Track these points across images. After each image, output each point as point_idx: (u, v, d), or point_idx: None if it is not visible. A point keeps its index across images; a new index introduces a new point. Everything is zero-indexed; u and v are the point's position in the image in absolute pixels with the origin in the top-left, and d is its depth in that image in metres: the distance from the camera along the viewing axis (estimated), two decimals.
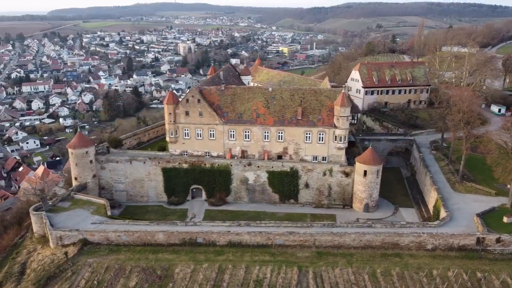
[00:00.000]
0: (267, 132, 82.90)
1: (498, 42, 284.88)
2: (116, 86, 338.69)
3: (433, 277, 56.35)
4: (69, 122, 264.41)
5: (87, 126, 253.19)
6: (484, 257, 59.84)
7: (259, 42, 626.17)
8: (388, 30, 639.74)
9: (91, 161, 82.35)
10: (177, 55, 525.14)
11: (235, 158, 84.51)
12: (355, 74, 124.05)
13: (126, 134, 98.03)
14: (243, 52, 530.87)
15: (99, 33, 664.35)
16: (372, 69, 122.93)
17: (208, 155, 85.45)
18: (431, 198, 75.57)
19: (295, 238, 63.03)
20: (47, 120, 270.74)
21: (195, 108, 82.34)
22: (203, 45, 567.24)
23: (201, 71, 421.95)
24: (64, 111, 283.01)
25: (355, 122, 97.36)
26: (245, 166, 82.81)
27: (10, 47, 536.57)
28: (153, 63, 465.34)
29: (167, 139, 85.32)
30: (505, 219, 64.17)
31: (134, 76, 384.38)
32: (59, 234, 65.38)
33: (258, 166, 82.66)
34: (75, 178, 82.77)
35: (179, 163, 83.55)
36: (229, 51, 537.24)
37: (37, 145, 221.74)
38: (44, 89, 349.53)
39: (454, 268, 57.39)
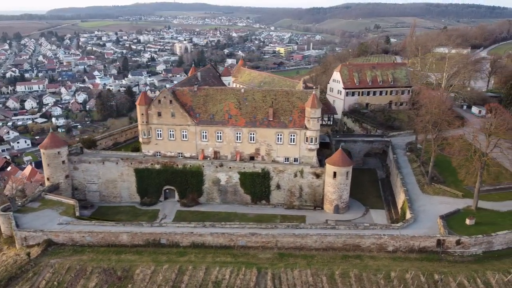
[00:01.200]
0: (239, 133, 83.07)
1: (491, 44, 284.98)
2: (110, 86, 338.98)
3: (391, 279, 56.47)
4: (61, 121, 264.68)
5: (79, 126, 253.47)
6: (444, 259, 59.94)
7: (256, 42, 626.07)
8: (386, 30, 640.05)
9: (63, 162, 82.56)
10: (174, 55, 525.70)
11: (208, 159, 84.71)
12: (336, 75, 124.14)
13: (102, 135, 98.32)
14: (240, 52, 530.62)
15: (96, 32, 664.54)
16: (353, 70, 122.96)
17: (181, 156, 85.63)
18: (400, 199, 75.77)
19: (258, 240, 63.19)
20: (40, 120, 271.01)
21: (167, 109, 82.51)
22: (200, 45, 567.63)
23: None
24: (57, 110, 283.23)
25: (331, 123, 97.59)
26: (217, 167, 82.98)
27: (6, 47, 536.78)
28: (149, 63, 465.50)
29: (140, 139, 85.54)
30: (467, 221, 64.28)
31: (129, 76, 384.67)
32: (23, 234, 65.59)
33: (230, 167, 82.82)
34: (47, 179, 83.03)
35: (151, 164, 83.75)
36: (226, 51, 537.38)
37: (28, 144, 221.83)
38: (39, 88, 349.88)
39: (413, 270, 57.54)
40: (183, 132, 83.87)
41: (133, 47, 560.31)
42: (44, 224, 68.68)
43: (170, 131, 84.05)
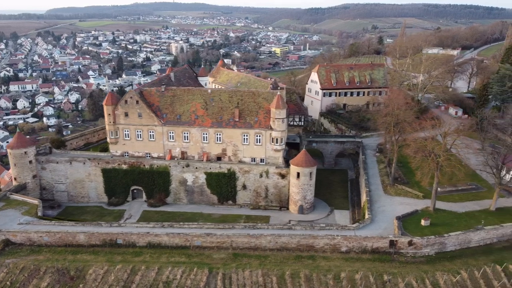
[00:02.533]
0: (206, 134, 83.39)
1: (482, 45, 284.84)
2: (104, 85, 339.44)
3: (340, 279, 56.64)
4: (52, 121, 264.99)
5: (70, 126, 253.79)
6: (396, 260, 60.01)
7: (253, 42, 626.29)
8: (383, 31, 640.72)
9: (30, 162, 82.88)
10: (170, 55, 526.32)
11: (175, 159, 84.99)
12: (314, 76, 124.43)
13: (73, 135, 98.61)
14: (235, 52, 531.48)
15: (93, 32, 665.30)
16: (331, 71, 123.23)
17: (149, 156, 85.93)
18: (363, 200, 75.95)
19: (213, 240, 63.40)
20: (31, 120, 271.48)
21: (134, 109, 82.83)
22: (196, 45, 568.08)
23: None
24: (49, 110, 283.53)
25: (302, 123, 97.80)
26: (183, 167, 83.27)
27: (2, 46, 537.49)
28: (144, 63, 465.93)
29: (108, 140, 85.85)
30: (422, 222, 64.45)
31: (124, 75, 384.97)
32: None
33: (196, 168, 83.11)
34: (15, 179, 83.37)
35: (118, 164, 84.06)
36: (222, 51, 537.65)
37: None
38: (32, 88, 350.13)
39: (363, 271, 57.68)
40: (150, 132, 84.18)
41: (129, 47, 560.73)
42: (4, 224, 68.93)
43: (137, 132, 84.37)
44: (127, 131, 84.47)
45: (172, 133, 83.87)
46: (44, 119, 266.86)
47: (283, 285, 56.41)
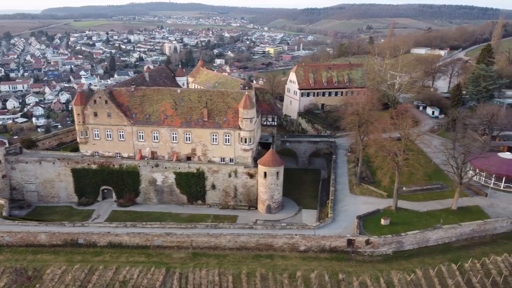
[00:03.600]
0: (175, 134, 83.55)
1: (471, 45, 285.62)
2: (95, 85, 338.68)
3: (296, 278, 56.90)
4: (42, 121, 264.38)
5: (60, 126, 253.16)
6: (354, 259, 60.34)
7: (247, 42, 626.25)
8: (378, 31, 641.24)
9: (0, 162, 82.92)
10: (163, 55, 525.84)
11: (145, 159, 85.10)
12: (292, 76, 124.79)
13: (45, 135, 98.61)
14: (229, 52, 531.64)
15: (87, 32, 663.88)
16: (309, 71, 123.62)
17: (119, 156, 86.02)
18: (329, 200, 76.22)
19: (173, 239, 63.56)
20: (20, 120, 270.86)
21: (103, 109, 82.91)
22: (190, 45, 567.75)
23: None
24: (39, 110, 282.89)
25: (275, 123, 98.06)
26: (152, 167, 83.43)
27: None
28: (137, 63, 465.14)
29: (78, 140, 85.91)
30: (382, 221, 64.81)
31: (116, 75, 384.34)
32: None
33: (166, 167, 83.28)
34: None
35: (88, 164, 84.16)
36: (215, 51, 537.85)
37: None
38: (23, 88, 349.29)
39: (319, 270, 57.97)
40: (120, 132, 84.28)
41: (123, 46, 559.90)
42: None
43: (107, 131, 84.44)
44: (97, 131, 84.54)
45: (142, 133, 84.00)
46: (34, 119, 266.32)
47: (239, 284, 56.61)
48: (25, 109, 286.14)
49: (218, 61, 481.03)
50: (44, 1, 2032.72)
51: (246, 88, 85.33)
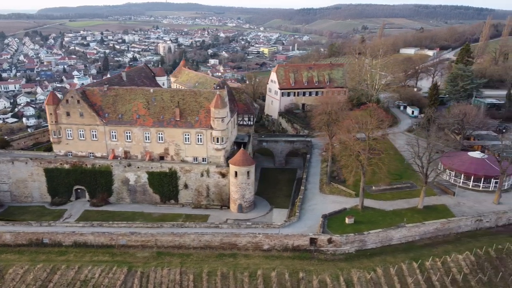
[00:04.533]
0: (148, 133, 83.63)
1: (460, 45, 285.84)
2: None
3: (256, 276, 57.09)
4: (32, 121, 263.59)
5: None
6: (316, 258, 60.57)
7: (242, 42, 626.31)
8: (373, 31, 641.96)
9: None
10: (157, 55, 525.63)
11: (119, 158, 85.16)
12: (273, 75, 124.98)
13: (20, 134, 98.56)
14: (223, 52, 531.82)
15: (82, 32, 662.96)
16: (289, 70, 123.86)
17: (92, 156, 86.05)
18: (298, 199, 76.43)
19: (137, 239, 63.65)
20: (11, 120, 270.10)
21: (75, 108, 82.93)
22: (184, 45, 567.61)
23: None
24: (30, 110, 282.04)
25: (251, 123, 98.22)
26: (125, 167, 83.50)
27: None
28: (131, 63, 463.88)
29: (51, 139, 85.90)
30: (346, 220, 65.05)
31: (108, 75, 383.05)
32: None
33: (138, 167, 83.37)
34: None
35: (61, 164, 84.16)
36: (210, 51, 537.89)
37: None
38: (15, 88, 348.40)
39: (281, 268, 58.17)
40: (92, 132, 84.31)
41: (117, 47, 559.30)
42: None
43: (80, 131, 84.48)
44: (70, 131, 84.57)
45: (114, 132, 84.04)
46: (24, 119, 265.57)
47: (199, 283, 56.82)
48: (16, 109, 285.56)
49: (212, 61, 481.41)
50: (40, 1, 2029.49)
51: (218, 87, 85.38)
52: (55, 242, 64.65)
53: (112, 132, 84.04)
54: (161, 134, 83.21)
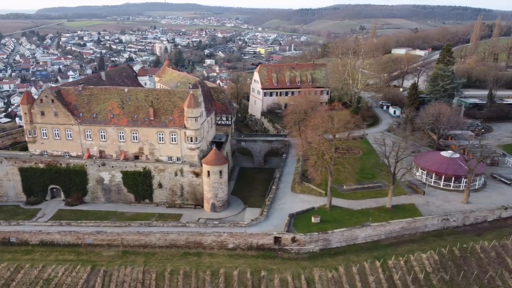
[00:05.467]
0: (122, 133, 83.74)
1: (453, 45, 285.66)
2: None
3: (218, 275, 57.27)
4: None
5: None
6: (280, 256, 60.74)
7: (240, 43, 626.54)
8: (370, 31, 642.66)
9: None
10: (154, 55, 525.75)
11: (94, 158, 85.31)
12: (255, 75, 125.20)
13: None
14: (220, 52, 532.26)
15: (79, 32, 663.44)
16: (272, 70, 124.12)
17: (68, 155, 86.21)
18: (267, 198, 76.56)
19: (104, 238, 63.86)
20: (4, 120, 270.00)
21: (49, 108, 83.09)
22: (181, 45, 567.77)
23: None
24: None
25: (229, 123, 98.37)
26: (99, 166, 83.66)
27: None
28: (127, 63, 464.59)
29: (26, 139, 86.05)
30: (313, 219, 65.23)
31: None
32: None
33: (113, 166, 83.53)
34: None
35: (36, 163, 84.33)
36: (206, 51, 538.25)
37: None
38: (9, 88, 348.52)
39: (243, 267, 58.34)
40: (67, 131, 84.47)
41: (114, 47, 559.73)
42: None
43: (55, 131, 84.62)
44: (45, 130, 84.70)
45: (89, 132, 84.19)
46: (17, 119, 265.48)
47: (161, 282, 57.04)
48: (10, 109, 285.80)
49: (208, 61, 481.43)
50: (39, 1, 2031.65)
51: (193, 87, 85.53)
52: (22, 241, 64.92)
53: (87, 131, 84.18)
54: (136, 133, 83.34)
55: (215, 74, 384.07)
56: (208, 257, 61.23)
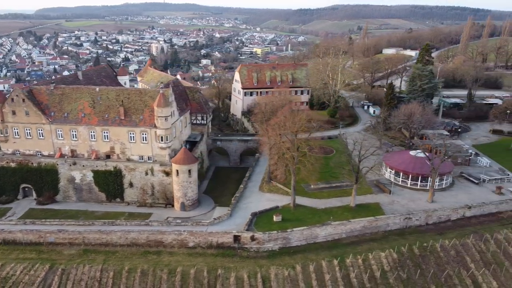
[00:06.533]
0: (93, 132, 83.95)
1: (446, 45, 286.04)
2: None
3: (175, 273, 57.43)
4: None
5: None
6: (239, 255, 60.88)
7: (237, 43, 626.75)
8: (368, 32, 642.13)
9: None
10: (151, 55, 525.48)
11: (66, 157, 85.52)
12: (236, 75, 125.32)
13: None
14: (216, 53, 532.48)
15: (76, 32, 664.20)
16: (252, 70, 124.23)
17: (40, 154, 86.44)
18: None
19: (65, 236, 64.04)
20: None
21: (20, 107, 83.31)
22: (178, 46, 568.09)
23: (168, 72, 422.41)
24: None
25: (205, 122, 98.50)
26: (70, 165, 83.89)
27: None
28: (123, 63, 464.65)
29: None
30: (274, 218, 65.36)
31: None
32: None
33: (83, 166, 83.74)
34: None
35: (7, 162, 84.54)
36: (203, 51, 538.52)
37: None
38: (4, 88, 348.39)
39: (201, 265, 58.52)
40: (39, 130, 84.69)
41: (110, 47, 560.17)
42: None
43: (26, 130, 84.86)
44: (16, 129, 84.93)
45: (60, 131, 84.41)
46: None
47: (118, 280, 57.21)
48: None
49: (204, 62, 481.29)
50: (39, 1, 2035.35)
51: (161, 87, 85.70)
52: None
53: (58, 130, 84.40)
54: (107, 132, 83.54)
55: (210, 74, 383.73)
56: (168, 255, 61.39)
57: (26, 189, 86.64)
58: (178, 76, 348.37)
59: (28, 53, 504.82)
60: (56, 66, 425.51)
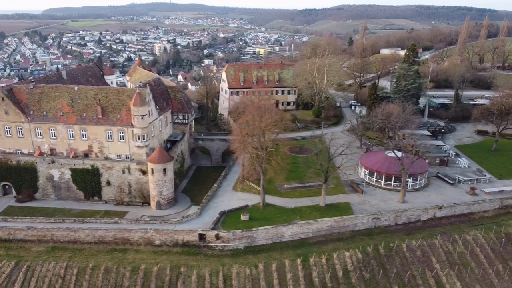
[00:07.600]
0: (71, 131, 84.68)
1: (446, 45, 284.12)
2: None
3: (138, 271, 57.84)
4: None
5: None
6: (204, 253, 61.15)
7: (240, 43, 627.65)
8: (372, 32, 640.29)
9: None
10: (153, 55, 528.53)
11: (45, 155, 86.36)
12: (223, 75, 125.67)
13: None
14: (219, 53, 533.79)
15: (81, 32, 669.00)
16: (239, 70, 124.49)
17: (20, 152, 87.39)
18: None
19: (34, 233, 64.76)
20: None
21: (0, 106, 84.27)
22: (181, 45, 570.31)
23: (170, 71, 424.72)
24: None
25: (186, 122, 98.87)
26: (49, 163, 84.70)
27: None
28: (125, 63, 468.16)
29: None
30: (242, 217, 65.54)
31: None
32: None
33: (62, 164, 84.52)
34: None
35: None
36: (206, 51, 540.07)
37: None
38: None
39: (164, 263, 58.88)
40: (18, 129, 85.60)
41: (114, 46, 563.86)
42: None
43: (6, 128, 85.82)
44: None
45: (40, 129, 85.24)
46: None
47: (82, 277, 57.77)
48: None
49: (206, 61, 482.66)
50: (46, 2, 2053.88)
51: (140, 86, 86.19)
52: None
53: (37, 129, 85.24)
54: (85, 131, 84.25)
55: (212, 74, 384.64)
56: (133, 253, 61.86)
57: (7, 186, 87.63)
58: (180, 76, 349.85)
59: (32, 53, 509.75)
60: (59, 66, 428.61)
